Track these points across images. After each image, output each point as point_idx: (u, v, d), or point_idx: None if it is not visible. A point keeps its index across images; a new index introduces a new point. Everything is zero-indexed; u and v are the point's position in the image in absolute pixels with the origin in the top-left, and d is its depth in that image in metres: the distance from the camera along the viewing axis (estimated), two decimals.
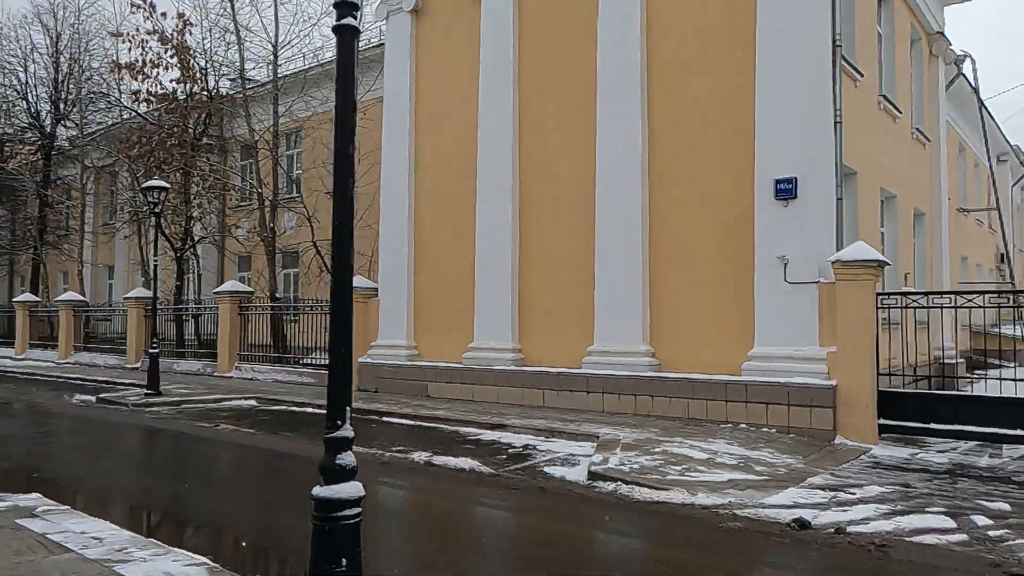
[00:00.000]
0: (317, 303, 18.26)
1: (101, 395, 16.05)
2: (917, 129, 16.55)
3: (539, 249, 13.91)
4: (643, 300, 12.39)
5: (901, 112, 15.27)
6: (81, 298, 27.13)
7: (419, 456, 9.26)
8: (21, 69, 31.06)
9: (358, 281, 16.58)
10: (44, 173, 31.40)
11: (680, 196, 12.23)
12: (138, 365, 22.69)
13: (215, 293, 19.89)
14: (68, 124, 31.90)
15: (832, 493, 7.30)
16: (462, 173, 15.04)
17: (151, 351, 15.82)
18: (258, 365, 19.10)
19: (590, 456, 9.16)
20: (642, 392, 12.00)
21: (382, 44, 20.56)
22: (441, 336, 15.28)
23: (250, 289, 20.02)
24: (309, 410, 13.96)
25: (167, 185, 16.00)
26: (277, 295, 20.04)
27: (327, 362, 3.94)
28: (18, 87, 31.09)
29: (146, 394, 15.50)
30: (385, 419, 12.67)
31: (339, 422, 3.84)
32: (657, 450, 9.10)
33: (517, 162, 14.23)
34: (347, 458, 3.80)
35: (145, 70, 21.49)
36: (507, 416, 12.07)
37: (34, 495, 6.66)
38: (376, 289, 16.51)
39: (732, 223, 11.63)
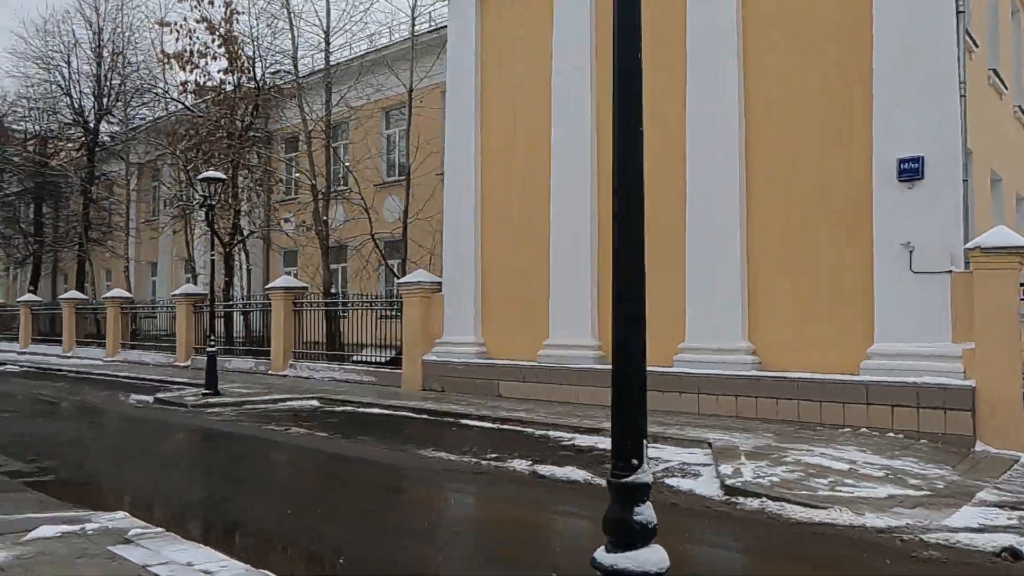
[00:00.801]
0: (377, 299, 17.55)
1: (158, 395, 15.47)
2: (1019, 107, 15.36)
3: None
4: (741, 293, 11.45)
5: (1007, 88, 14.12)
6: (128, 295, 26.77)
7: (519, 465, 8.45)
8: (64, 64, 30.83)
9: (420, 275, 15.85)
10: (88, 169, 31.11)
11: (782, 177, 11.24)
12: (187, 363, 22.21)
13: (268, 289, 19.27)
14: (111, 119, 31.61)
15: (1017, 513, 6.35)
16: (534, 156, 14.19)
17: (209, 349, 15.21)
18: (313, 363, 18.44)
19: (710, 465, 8.28)
20: (744, 393, 11.06)
21: (438, 28, 19.82)
22: (512, 332, 14.45)
23: (303, 284, 19.35)
24: (376, 411, 13.22)
25: (223, 176, 15.38)
26: (332, 290, 19.36)
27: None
28: (61, 83, 30.83)
29: (204, 394, 14.89)
30: (463, 422, 11.87)
31: (634, 461, 2.82)
32: (787, 459, 8.17)
33: (596, 144, 13.32)
34: (646, 513, 2.77)
35: (193, 59, 20.92)
36: (595, 418, 11.20)
37: (120, 514, 5.94)
38: (440, 283, 15.73)
39: (844, 207, 10.63)
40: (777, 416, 10.63)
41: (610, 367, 11.29)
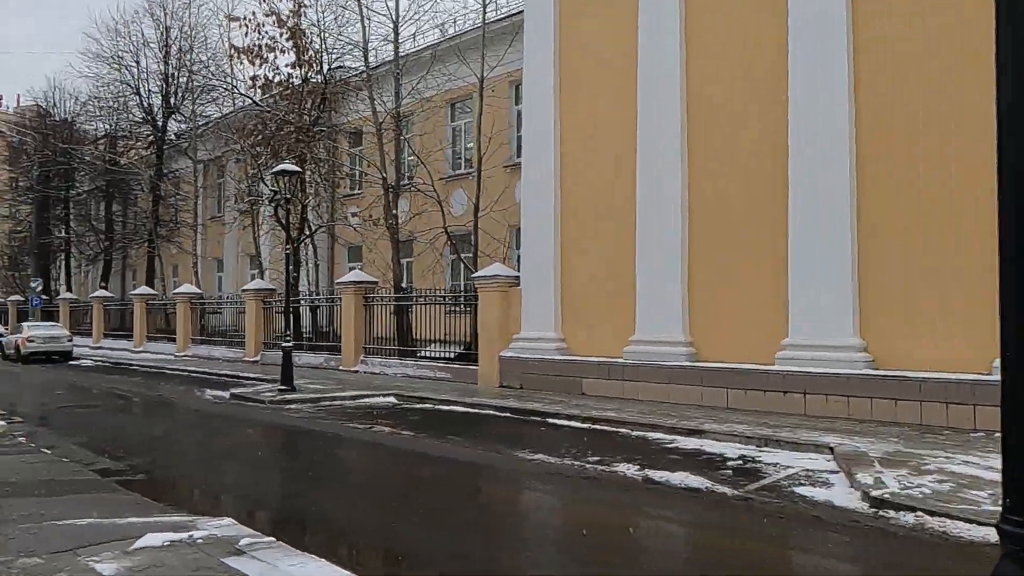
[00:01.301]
0: (450, 293, 17.13)
1: (233, 391, 15.35)
2: None
3: (714, 228, 12.29)
4: (852, 285, 10.63)
5: None
6: (197, 291, 27.02)
7: (627, 469, 7.86)
8: (134, 64, 31.33)
9: (497, 269, 15.38)
10: (157, 167, 31.58)
11: (899, 152, 10.38)
12: (257, 358, 22.22)
13: (338, 284, 19.07)
14: (178, 117, 32.02)
15: None
16: (618, 141, 13.56)
17: (284, 345, 14.99)
18: (384, 358, 18.15)
19: (838, 473, 7.58)
20: (857, 393, 10.26)
21: (510, 15, 19.32)
22: (594, 327, 13.87)
23: (374, 279, 19.09)
24: (458, 408, 12.79)
25: (298, 169, 15.13)
26: (402, 284, 19.04)
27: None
28: (131, 82, 31.33)
29: (280, 390, 14.69)
30: (551, 421, 11.33)
31: None
32: (929, 467, 7.41)
33: (686, 125, 12.63)
34: None
35: (262, 54, 20.86)
36: (692, 419, 10.55)
37: (226, 520, 5.57)
38: (517, 277, 15.24)
39: (980, 192, 9.73)
40: (897, 419, 9.81)
41: (706, 365, 10.58)
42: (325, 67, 22.13)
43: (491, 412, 12.34)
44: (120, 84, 31.29)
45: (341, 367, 18.83)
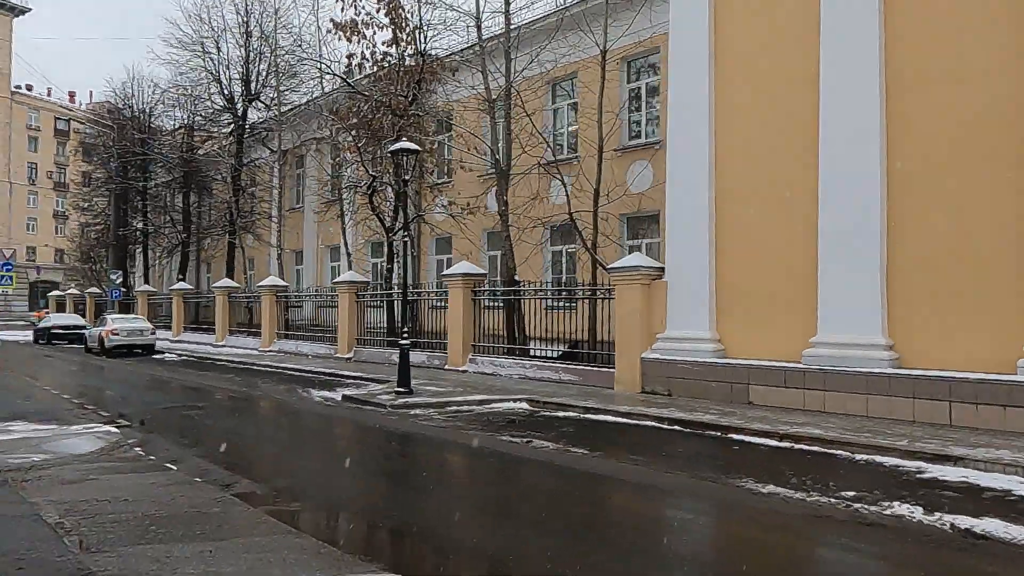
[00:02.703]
0: (570, 287, 15.43)
1: (345, 392, 13.98)
2: None
3: (925, 204, 10.33)
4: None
5: None
6: (283, 283, 25.95)
7: (911, 513, 6.07)
8: (214, 50, 30.50)
9: (636, 259, 13.67)
10: (237, 156, 30.73)
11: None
12: (350, 355, 20.96)
13: (444, 276, 17.57)
14: (258, 105, 31.11)
15: None
16: (792, 109, 11.72)
17: (402, 343, 13.55)
18: (496, 358, 16.60)
19: None
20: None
21: None
22: (760, 326, 12.04)
23: (483, 271, 17.56)
24: (612, 419, 11.11)
25: (418, 148, 13.64)
26: (516, 277, 17.46)
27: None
28: (211, 69, 30.51)
29: (398, 392, 13.26)
30: (737, 437, 9.56)
31: None
32: None
33: (884, 88, 10.69)
34: None
35: (359, 29, 19.47)
36: (918, 438, 8.69)
37: None
38: (661, 269, 13.49)
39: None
40: None
41: (917, 372, 7.97)
42: (423, 45, 20.62)
43: (652, 424, 10.62)
44: (201, 71, 30.45)
45: (447, 366, 17.35)
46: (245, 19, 30.03)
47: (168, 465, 7.84)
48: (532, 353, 16.64)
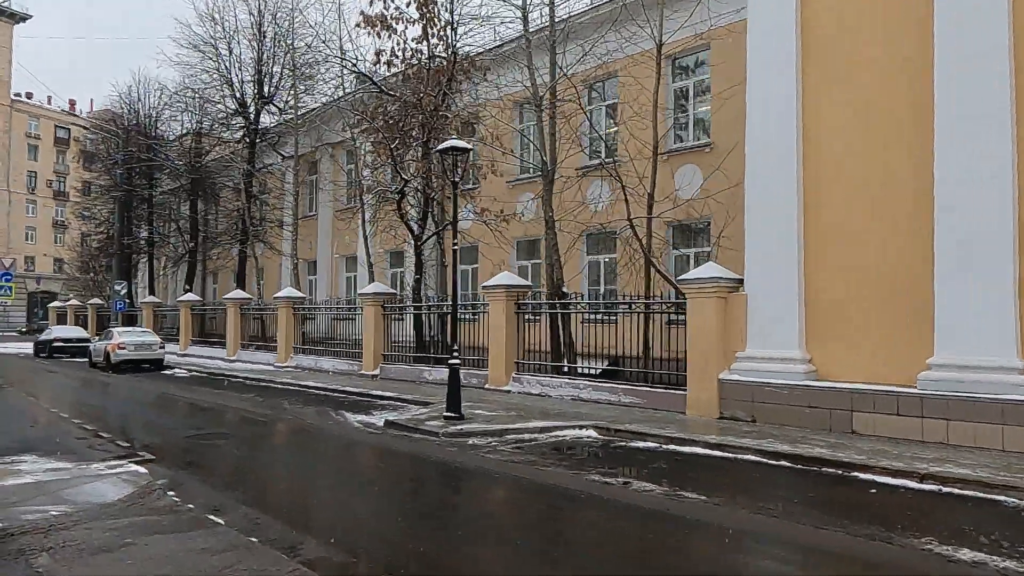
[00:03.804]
0: (636, 299, 14.15)
1: (386, 416, 12.62)
2: None
3: None
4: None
5: None
6: (300, 295, 24.56)
7: None
8: (226, 53, 29.26)
9: (711, 269, 12.35)
10: (249, 162, 29.44)
11: None
12: (376, 372, 19.60)
13: (485, 287, 16.22)
14: (271, 109, 29.86)
15: None
16: (897, 104, 10.45)
17: (452, 362, 12.20)
18: (545, 376, 15.25)
19: None
20: None
21: None
22: (860, 344, 10.73)
23: (527, 282, 16.23)
24: (702, 451, 9.75)
25: (469, 147, 12.34)
26: (564, 289, 16.14)
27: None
28: (223, 71, 29.24)
29: (447, 418, 11.92)
30: (859, 476, 8.21)
31: None
32: None
33: (1012, 68, 9.43)
34: None
35: (390, 23, 18.23)
36: None
37: None
38: (740, 280, 12.18)
39: None
40: None
41: None
42: (452, 42, 19.37)
43: (754, 459, 9.26)
44: (213, 73, 29.17)
45: (487, 385, 15.99)
46: (259, 19, 28.83)
47: (212, 518, 6.48)
48: (581, 371, 15.34)
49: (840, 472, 8.48)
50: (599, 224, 19.02)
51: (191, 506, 6.89)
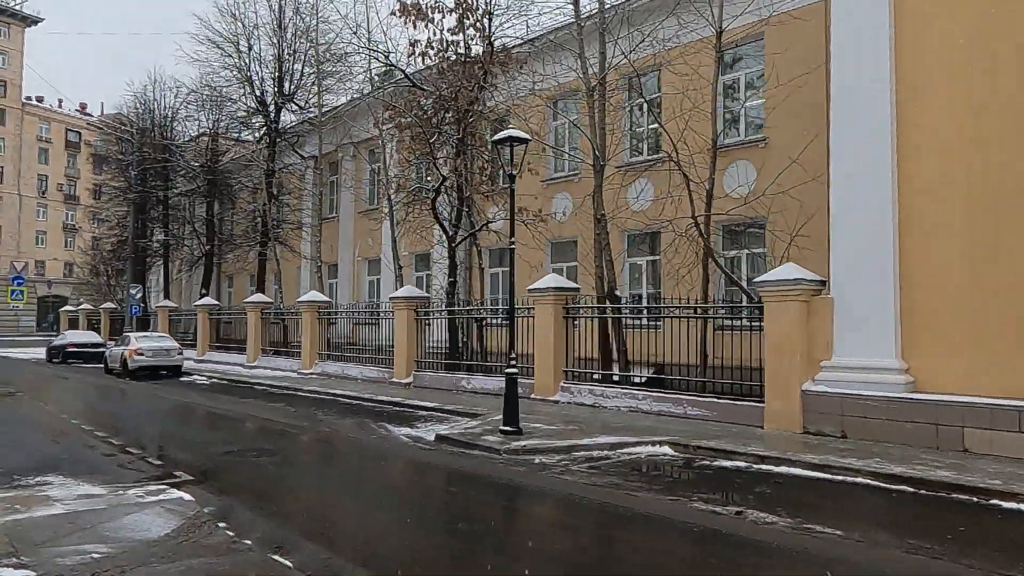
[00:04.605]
0: (735, 304, 13.12)
1: (437, 431, 11.62)
2: None
3: None
4: None
5: None
6: (325, 299, 23.61)
7: None
8: (246, 49, 28.40)
9: (791, 270, 11.35)
10: (269, 162, 28.55)
11: None
12: (409, 380, 18.62)
13: (531, 290, 15.20)
14: (292, 107, 28.97)
15: None
16: (1003, 69, 9.43)
17: (509, 371, 11.20)
18: (597, 386, 14.24)
19: None
20: None
21: None
22: (970, 353, 9.70)
23: (575, 285, 15.23)
24: (800, 472, 8.73)
25: (528, 137, 11.36)
26: (616, 293, 15.13)
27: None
28: (242, 67, 28.37)
29: (504, 432, 10.92)
30: (1002, 504, 7.19)
31: None
32: None
33: None
34: None
35: (427, 12, 17.29)
36: None
37: None
38: (823, 282, 11.17)
39: None
40: None
41: None
42: (489, 32, 18.40)
43: (867, 481, 8.22)
44: (232, 70, 28.30)
45: (533, 395, 14.97)
46: (279, 16, 27.98)
47: (278, 559, 5.51)
48: (633, 380, 14.35)
49: (976, 500, 7.45)
50: (643, 223, 18.12)
51: (249, 542, 5.92)
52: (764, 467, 9.09)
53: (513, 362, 11.29)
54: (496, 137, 11.29)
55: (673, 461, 9.66)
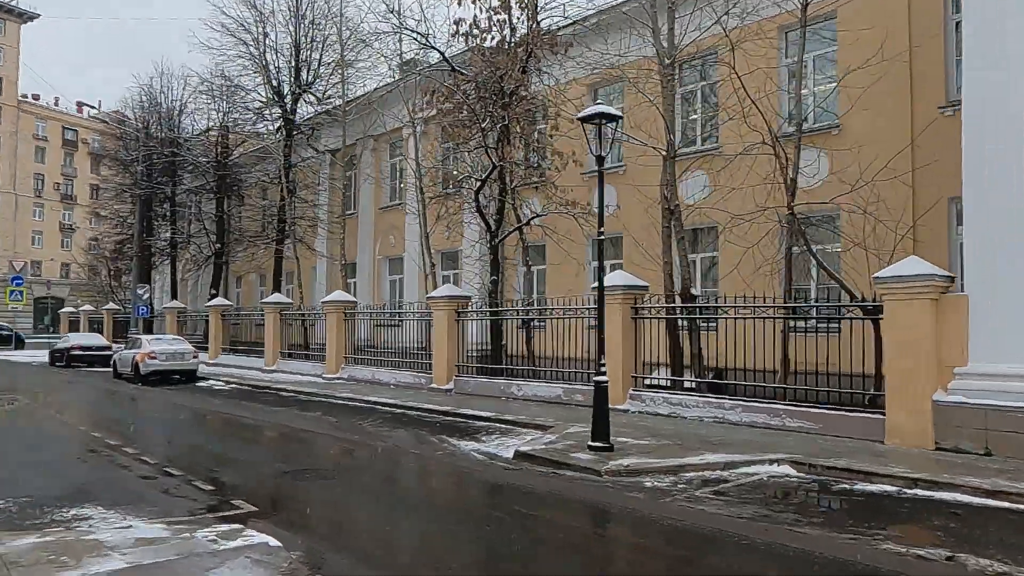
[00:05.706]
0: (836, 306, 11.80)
1: (517, 447, 10.28)
2: None
3: None
4: None
5: None
6: (351, 299, 22.25)
7: None
8: (261, 37, 27.03)
9: (916, 264, 10.06)
10: (286, 155, 27.18)
11: None
12: (449, 386, 17.28)
13: (596, 288, 13.85)
14: (309, 99, 27.63)
15: None
16: None
17: (598, 379, 9.88)
18: (674, 394, 12.94)
19: None
20: None
21: None
22: None
23: (644, 283, 13.90)
24: (972, 499, 7.45)
25: (619, 114, 10.05)
26: (692, 291, 13.82)
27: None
28: (257, 56, 26.99)
29: (594, 449, 9.61)
30: None
31: None
32: None
33: None
34: None
35: None
36: None
37: None
38: (952, 278, 9.90)
39: None
40: None
41: None
42: (535, 9, 17.07)
43: None
44: (246, 58, 26.93)
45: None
46: (296, 2, 26.63)
47: None
48: (710, 383, 13.06)
49: None
50: (700, 217, 16.88)
51: None
52: (920, 492, 7.80)
53: (604, 369, 9.96)
54: (583, 113, 9.96)
55: (805, 484, 8.36)
